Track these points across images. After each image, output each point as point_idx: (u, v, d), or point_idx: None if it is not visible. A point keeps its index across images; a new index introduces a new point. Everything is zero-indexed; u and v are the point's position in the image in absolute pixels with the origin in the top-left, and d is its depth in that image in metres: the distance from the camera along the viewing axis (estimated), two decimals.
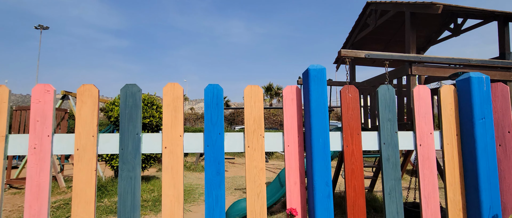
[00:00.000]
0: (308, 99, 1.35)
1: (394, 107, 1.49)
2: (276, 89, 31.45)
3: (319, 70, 1.34)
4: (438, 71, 3.52)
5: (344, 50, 3.27)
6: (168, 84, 1.37)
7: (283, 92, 1.42)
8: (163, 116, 1.36)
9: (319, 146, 1.32)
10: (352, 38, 5.00)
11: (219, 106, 1.38)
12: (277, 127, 26.26)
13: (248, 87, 1.40)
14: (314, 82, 1.33)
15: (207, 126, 1.38)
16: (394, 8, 3.88)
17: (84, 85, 1.32)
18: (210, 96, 1.38)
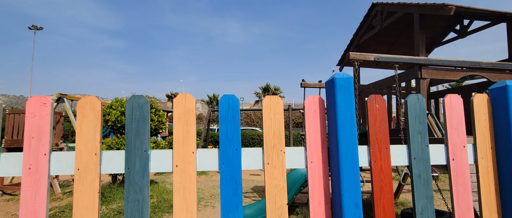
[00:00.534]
0: (334, 111, 1.22)
1: (424, 119, 1.37)
2: (274, 90, 31.37)
3: (346, 79, 1.22)
4: (448, 75, 3.43)
5: (353, 53, 3.16)
6: (179, 96, 1.23)
7: (305, 104, 1.29)
8: (174, 130, 1.23)
9: (348, 163, 1.20)
10: (356, 39, 4.90)
11: (235, 119, 1.25)
12: None
13: (267, 98, 1.27)
14: (340, 93, 1.21)
15: (222, 141, 1.25)
16: (401, 10, 3.78)
17: (85, 97, 1.18)
18: (225, 108, 1.24)
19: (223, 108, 1.25)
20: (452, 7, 2.97)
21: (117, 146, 5.30)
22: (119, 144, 5.32)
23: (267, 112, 1.26)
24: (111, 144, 5.35)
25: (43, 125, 1.14)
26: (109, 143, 5.38)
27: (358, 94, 4.87)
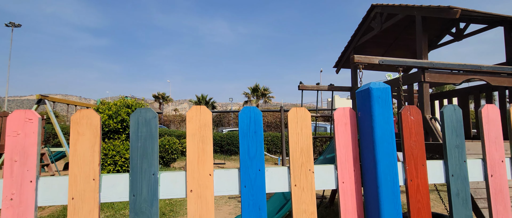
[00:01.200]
0: (369, 125, 1.08)
1: (461, 132, 1.25)
2: (263, 90, 31.27)
3: (383, 90, 1.08)
4: (450, 78, 3.39)
5: (358, 56, 3.06)
6: (193, 108, 1.06)
7: (334, 116, 1.14)
8: (188, 148, 1.05)
9: (387, 184, 1.06)
10: (354, 41, 4.82)
11: (258, 134, 1.09)
12: (264, 129, 26.07)
13: (293, 111, 1.11)
14: (378, 105, 1.07)
15: (243, 160, 1.08)
16: (403, 12, 3.72)
17: (80, 111, 0.99)
18: (246, 123, 1.08)
19: (244, 122, 1.08)
20: (457, 10, 2.92)
21: (104, 152, 5.00)
22: (107, 149, 5.02)
23: (293, 126, 1.11)
24: None
25: (28, 145, 0.94)
26: None
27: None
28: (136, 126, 1.01)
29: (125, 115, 5.33)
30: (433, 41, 5.08)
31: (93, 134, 0.99)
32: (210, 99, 32.67)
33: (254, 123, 1.08)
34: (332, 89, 4.93)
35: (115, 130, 5.31)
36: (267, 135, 14.92)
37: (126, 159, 5.09)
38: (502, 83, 3.60)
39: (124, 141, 5.35)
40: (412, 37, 5.03)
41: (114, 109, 5.34)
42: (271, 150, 14.41)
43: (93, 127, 0.99)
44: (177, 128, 29.66)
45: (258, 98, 31.35)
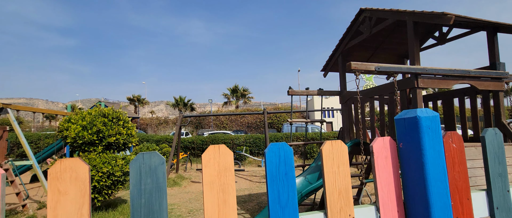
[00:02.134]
0: (419, 161, 0.93)
1: (503, 158, 1.14)
2: (242, 91, 31.03)
3: (433, 118, 0.93)
4: (441, 83, 3.40)
5: (354, 63, 2.96)
6: (210, 148, 0.84)
7: (373, 148, 0.98)
8: (205, 201, 0.83)
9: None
10: (342, 45, 4.77)
11: (289, 176, 0.89)
12: (244, 129, 25.88)
13: (328, 145, 0.93)
14: (428, 137, 0.91)
15: (273, 209, 0.88)
16: (393, 17, 3.69)
17: (62, 161, 0.74)
18: (275, 163, 0.88)
19: (272, 163, 0.88)
20: (451, 17, 2.90)
21: None
22: None
23: (329, 164, 0.93)
24: None
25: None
26: None
27: (345, 102, 4.74)
28: (138, 177, 0.78)
29: (101, 125, 4.89)
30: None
31: (80, 192, 0.74)
32: (189, 101, 31.87)
33: (284, 163, 0.89)
34: (321, 94, 4.85)
35: (90, 142, 4.86)
36: (249, 136, 14.75)
37: (104, 173, 4.67)
38: (487, 87, 3.69)
39: (100, 154, 4.91)
40: (397, 41, 5.07)
41: (89, 119, 4.88)
42: (253, 151, 14.24)
43: (80, 182, 0.75)
44: (154, 131, 28.60)
45: (238, 99, 31.06)
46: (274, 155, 0.89)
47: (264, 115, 10.36)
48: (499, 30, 3.87)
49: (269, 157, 0.88)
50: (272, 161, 0.88)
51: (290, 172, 0.90)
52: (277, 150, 0.89)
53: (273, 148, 0.89)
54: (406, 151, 0.97)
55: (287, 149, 0.90)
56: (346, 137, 4.68)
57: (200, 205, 6.68)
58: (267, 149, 0.88)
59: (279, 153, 0.89)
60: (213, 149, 0.84)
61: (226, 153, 0.85)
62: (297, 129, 16.45)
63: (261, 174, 10.69)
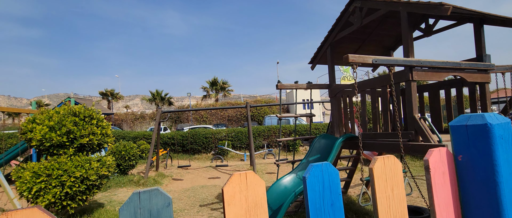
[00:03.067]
0: (490, 178, 0.75)
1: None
2: (222, 84, 30.50)
3: (505, 125, 0.75)
4: (434, 76, 3.35)
5: (352, 56, 2.79)
6: (234, 178, 0.61)
7: (429, 162, 0.79)
8: None
9: None
10: (331, 37, 4.62)
11: (335, 207, 0.68)
12: (225, 123, 25.53)
13: (380, 162, 0.73)
14: (502, 149, 0.73)
15: None
16: (386, 7, 3.57)
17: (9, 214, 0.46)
18: (318, 190, 0.66)
19: (315, 190, 0.66)
20: (449, 7, 2.81)
21: (46, 172, 4.07)
22: (49, 168, 4.10)
23: (382, 186, 0.72)
24: (39, 170, 4.09)
25: None
26: (35, 169, 4.11)
27: (335, 96, 4.63)
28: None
29: (71, 125, 4.41)
30: None
31: None
32: (166, 95, 30.80)
33: (329, 190, 0.67)
34: (310, 88, 4.69)
35: (59, 144, 4.37)
36: (231, 130, 14.48)
37: (76, 178, 4.23)
38: (475, 79, 3.71)
39: (72, 157, 4.44)
40: (384, 33, 5.01)
41: (57, 119, 4.38)
42: (235, 145, 14.03)
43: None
44: (130, 127, 27.42)
45: (217, 92, 30.51)
46: (316, 180, 0.67)
47: (247, 109, 10.13)
48: (485, 22, 3.89)
49: (311, 183, 0.66)
50: (315, 188, 0.66)
51: (337, 201, 0.69)
52: (320, 173, 0.67)
53: (315, 171, 0.66)
54: (469, 166, 0.79)
55: (332, 171, 0.68)
56: (335, 131, 4.58)
57: (184, 205, 6.38)
58: (308, 173, 0.66)
59: (323, 178, 0.67)
60: (238, 179, 0.60)
61: (255, 182, 0.61)
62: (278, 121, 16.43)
63: (245, 169, 10.53)
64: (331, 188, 0.70)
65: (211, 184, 8.68)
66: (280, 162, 4.55)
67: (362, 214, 5.11)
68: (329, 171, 0.69)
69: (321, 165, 0.69)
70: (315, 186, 0.68)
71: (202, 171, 10.70)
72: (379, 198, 0.75)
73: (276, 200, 3.78)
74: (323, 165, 0.69)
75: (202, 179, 9.38)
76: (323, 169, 0.68)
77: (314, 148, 4.26)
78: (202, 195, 7.27)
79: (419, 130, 3.14)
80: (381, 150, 3.58)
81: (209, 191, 7.69)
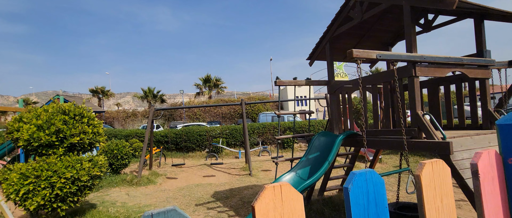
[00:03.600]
0: None
1: None
2: (215, 81, 30.24)
3: None
4: (437, 72, 3.29)
5: (356, 51, 2.70)
6: (266, 192, 0.49)
7: (478, 166, 0.69)
8: None
9: None
10: (330, 32, 4.52)
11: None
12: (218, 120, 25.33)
13: (428, 168, 0.62)
14: None
15: None
16: (388, 1, 3.49)
17: None
18: (362, 203, 0.55)
19: (359, 204, 0.55)
20: (454, 0, 2.74)
21: (35, 173, 3.88)
22: (38, 169, 3.90)
23: (431, 196, 0.62)
24: (27, 171, 3.89)
25: None
26: (22, 170, 3.91)
27: (334, 92, 4.55)
28: None
29: (60, 124, 4.21)
30: (402, 32, 5.09)
31: None
32: (159, 92, 30.36)
33: (374, 203, 0.57)
34: (309, 84, 4.60)
35: (48, 144, 4.17)
36: (225, 128, 14.34)
37: (67, 179, 4.04)
38: (476, 75, 3.68)
39: (62, 157, 4.25)
40: (383, 28, 4.95)
41: (45, 117, 4.17)
42: (230, 143, 13.90)
43: None
44: (122, 125, 26.96)
45: (211, 89, 30.23)
46: (360, 192, 0.56)
47: (242, 106, 10.00)
48: (485, 17, 3.86)
49: (354, 195, 0.56)
50: (359, 201, 0.56)
51: (383, 214, 0.58)
52: (365, 184, 0.56)
53: (359, 180, 0.56)
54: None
55: (377, 180, 0.58)
56: (335, 128, 4.51)
57: (179, 204, 6.24)
58: (351, 183, 0.55)
59: (367, 188, 0.57)
60: (271, 194, 0.49)
61: (291, 197, 0.50)
62: (272, 118, 16.34)
63: (240, 167, 10.42)
64: (377, 200, 0.60)
65: (206, 182, 8.55)
66: (278, 160, 4.46)
67: None
68: (374, 180, 0.59)
69: (365, 173, 0.58)
70: (359, 198, 0.58)
71: (197, 169, 10.55)
72: (427, 210, 0.66)
73: None
74: (367, 174, 0.59)
75: (197, 178, 9.24)
76: (367, 178, 0.58)
77: (313, 146, 4.18)
78: (198, 194, 7.14)
79: (423, 126, 3.09)
80: (382, 147, 3.52)
81: (204, 189, 7.56)
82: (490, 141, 3.24)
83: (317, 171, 3.58)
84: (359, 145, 3.93)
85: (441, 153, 2.80)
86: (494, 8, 3.35)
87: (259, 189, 7.38)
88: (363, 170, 0.60)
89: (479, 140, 3.14)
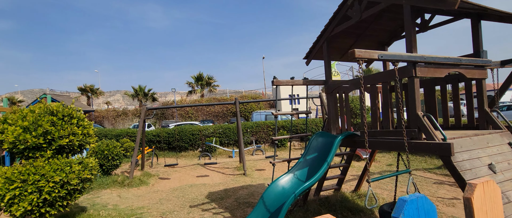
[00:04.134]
0: None
1: None
2: (207, 79, 29.98)
3: None
4: (437, 72, 3.27)
5: (359, 51, 2.64)
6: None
7: None
8: None
9: None
10: (328, 31, 4.46)
11: None
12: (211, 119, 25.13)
13: (479, 190, 0.56)
14: None
15: None
16: (387, 0, 3.45)
17: None
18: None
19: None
20: (456, 0, 2.70)
21: (21, 177, 3.69)
22: (24, 173, 3.71)
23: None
24: (12, 176, 3.70)
25: None
26: (7, 174, 3.71)
27: (332, 92, 4.50)
28: None
29: (48, 125, 4.01)
30: (398, 31, 5.09)
31: None
32: (150, 91, 29.88)
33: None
34: (306, 84, 4.54)
35: (35, 146, 3.98)
36: (218, 127, 14.21)
37: (56, 183, 3.87)
38: (473, 75, 3.68)
39: (50, 159, 4.06)
40: (380, 27, 4.92)
41: (32, 118, 3.97)
42: (223, 142, 13.79)
43: None
44: (112, 124, 26.44)
45: (203, 88, 29.95)
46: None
47: (236, 105, 9.89)
48: (483, 17, 3.86)
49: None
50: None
51: None
52: (416, 212, 0.48)
53: (410, 210, 0.48)
54: None
55: (429, 207, 0.51)
56: (332, 128, 4.46)
57: (173, 206, 6.11)
58: (402, 213, 0.46)
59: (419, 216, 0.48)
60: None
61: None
62: (266, 117, 16.27)
63: (233, 166, 10.32)
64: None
65: (200, 182, 8.42)
66: (275, 161, 4.39)
67: (357, 211, 5.05)
68: (426, 207, 0.51)
69: (416, 200, 0.50)
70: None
71: (190, 169, 10.40)
72: None
73: (275, 201, 3.62)
74: (419, 200, 0.50)
75: (190, 178, 9.10)
76: (419, 206, 0.50)
77: (311, 146, 4.12)
78: (192, 194, 7.01)
79: (423, 127, 3.06)
80: (382, 148, 3.48)
81: (198, 190, 7.44)
82: (488, 141, 3.24)
83: (316, 172, 3.52)
84: (357, 146, 3.89)
85: (442, 155, 2.78)
86: (492, 8, 3.34)
87: (254, 189, 7.28)
88: (413, 196, 0.52)
89: (478, 140, 3.14)
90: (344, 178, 5.78)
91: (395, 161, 9.14)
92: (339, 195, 5.73)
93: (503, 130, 3.63)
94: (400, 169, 4.47)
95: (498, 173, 2.87)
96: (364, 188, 6.05)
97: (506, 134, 3.54)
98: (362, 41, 5.05)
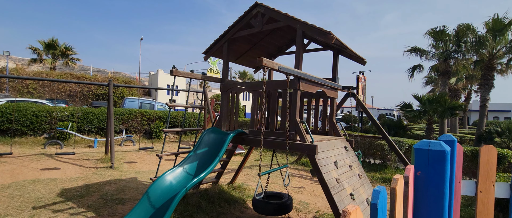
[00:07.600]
0: None
1: None
2: (64, 49, 24.11)
3: None
4: (311, 88, 4.12)
5: (266, 60, 2.99)
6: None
7: (409, 178, 1.01)
8: None
9: None
10: (230, 33, 4.70)
11: None
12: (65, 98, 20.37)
13: (400, 181, 0.86)
14: None
15: None
16: (285, 21, 4.03)
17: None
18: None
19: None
20: (333, 37, 3.54)
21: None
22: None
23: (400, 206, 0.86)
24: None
25: None
26: None
27: (226, 91, 4.76)
28: None
29: None
30: (284, 48, 5.99)
31: None
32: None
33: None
34: (204, 79, 4.59)
35: None
36: (78, 110, 11.80)
37: None
38: (330, 94, 4.87)
39: None
40: (272, 41, 5.63)
41: None
42: (83, 129, 11.57)
43: None
44: None
45: (56, 59, 23.79)
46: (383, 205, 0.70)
47: (110, 87, 8.54)
48: (341, 53, 5.17)
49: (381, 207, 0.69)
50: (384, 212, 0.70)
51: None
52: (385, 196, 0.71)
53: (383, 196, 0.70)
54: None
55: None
56: (223, 125, 4.72)
57: (6, 209, 4.64)
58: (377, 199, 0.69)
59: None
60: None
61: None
62: (141, 105, 14.85)
63: (96, 157, 8.86)
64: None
65: (48, 177, 6.73)
66: (163, 154, 4.19)
67: (232, 201, 5.54)
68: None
69: (384, 189, 0.73)
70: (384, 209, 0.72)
71: (30, 159, 8.11)
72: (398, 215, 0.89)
73: (161, 196, 3.46)
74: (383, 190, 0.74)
75: (31, 171, 7.10)
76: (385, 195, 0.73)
77: (203, 141, 4.22)
78: (35, 193, 5.53)
79: (299, 131, 3.79)
80: (267, 147, 4.02)
81: (46, 187, 5.95)
82: (335, 145, 4.38)
83: (207, 166, 3.65)
84: (245, 143, 4.31)
85: (310, 153, 3.55)
86: (347, 47, 4.54)
87: (124, 184, 6.54)
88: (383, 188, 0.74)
89: (330, 143, 4.18)
90: (223, 171, 6.18)
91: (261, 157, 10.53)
92: (217, 188, 6.08)
93: (341, 136, 4.99)
94: (273, 165, 5.29)
95: (339, 168, 3.95)
96: (238, 181, 6.67)
97: (343, 139, 4.89)
98: (256, 49, 5.60)
